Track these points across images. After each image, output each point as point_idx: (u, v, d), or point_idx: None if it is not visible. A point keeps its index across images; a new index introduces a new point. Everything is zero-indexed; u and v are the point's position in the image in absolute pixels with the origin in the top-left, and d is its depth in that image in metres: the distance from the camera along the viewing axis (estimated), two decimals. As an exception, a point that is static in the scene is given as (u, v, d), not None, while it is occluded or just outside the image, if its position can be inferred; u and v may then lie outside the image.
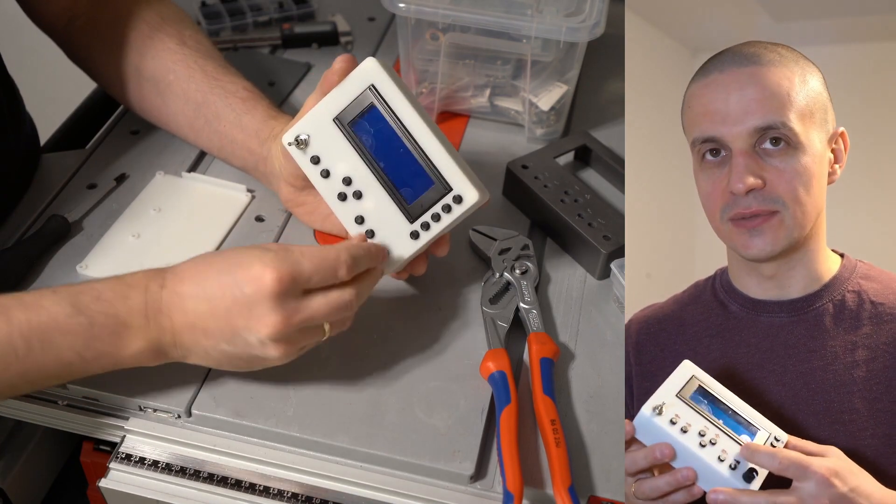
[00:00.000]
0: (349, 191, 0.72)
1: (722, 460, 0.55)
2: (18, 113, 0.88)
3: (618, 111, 1.01)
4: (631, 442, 0.58)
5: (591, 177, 0.94)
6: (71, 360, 0.61)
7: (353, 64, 0.71)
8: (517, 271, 0.79)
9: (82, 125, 1.03)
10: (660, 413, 0.57)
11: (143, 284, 0.63)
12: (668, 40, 0.87)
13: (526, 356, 0.74)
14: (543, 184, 0.86)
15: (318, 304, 0.63)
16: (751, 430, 0.57)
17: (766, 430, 0.57)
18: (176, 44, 0.85)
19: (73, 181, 0.87)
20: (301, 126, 0.72)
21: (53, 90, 1.31)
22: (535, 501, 0.66)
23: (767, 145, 0.60)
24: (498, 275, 0.79)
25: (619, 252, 0.79)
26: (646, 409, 0.57)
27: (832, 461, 0.54)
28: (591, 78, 1.06)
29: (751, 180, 0.60)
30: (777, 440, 0.57)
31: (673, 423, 0.57)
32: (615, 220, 0.83)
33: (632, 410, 0.67)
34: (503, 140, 0.97)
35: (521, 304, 0.76)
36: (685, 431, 0.56)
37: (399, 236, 0.72)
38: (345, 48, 1.11)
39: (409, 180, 0.71)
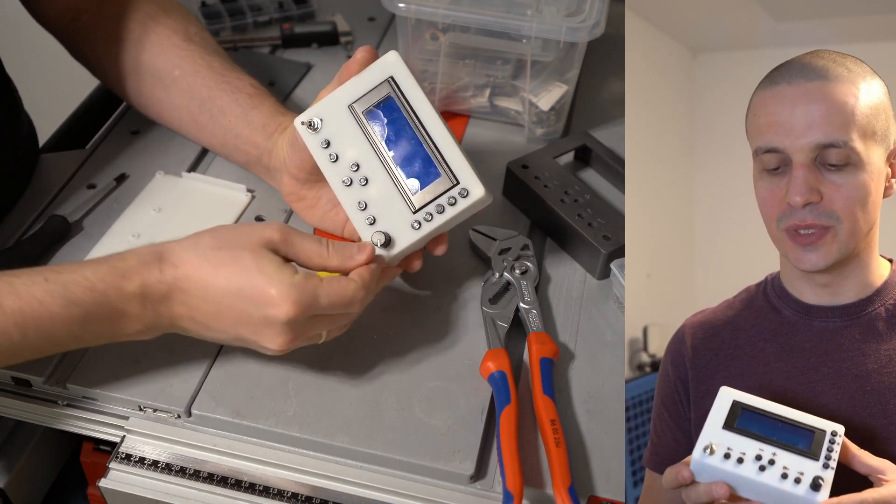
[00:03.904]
0: (356, 177, 0.73)
1: (785, 477, 0.55)
2: (17, 113, 0.88)
3: (618, 111, 1.01)
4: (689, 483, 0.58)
5: (591, 177, 0.94)
6: (67, 341, 0.62)
7: (374, 55, 0.73)
8: (517, 271, 0.79)
9: (82, 125, 1.03)
10: (711, 452, 0.57)
11: (138, 272, 0.62)
12: (668, 40, 0.87)
13: (526, 356, 0.74)
14: (543, 184, 0.86)
15: (326, 324, 0.65)
16: (805, 434, 0.57)
17: (822, 429, 0.57)
18: (181, 40, 0.86)
19: (73, 181, 0.87)
20: (316, 109, 0.73)
21: (53, 90, 1.31)
22: (535, 501, 0.66)
23: (829, 161, 0.61)
24: (498, 275, 0.79)
25: (619, 252, 0.79)
26: (696, 454, 0.57)
27: None
28: (591, 78, 1.06)
29: (808, 194, 0.61)
30: (835, 434, 0.57)
31: (727, 457, 0.57)
32: (615, 220, 0.83)
33: (687, 413, 0.67)
34: (503, 140, 0.97)
35: (521, 304, 0.76)
36: (741, 462, 0.56)
37: (400, 225, 0.72)
38: (345, 48, 1.11)
39: (416, 171, 0.72)
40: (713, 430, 0.58)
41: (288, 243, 0.65)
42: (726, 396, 0.60)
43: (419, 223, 0.72)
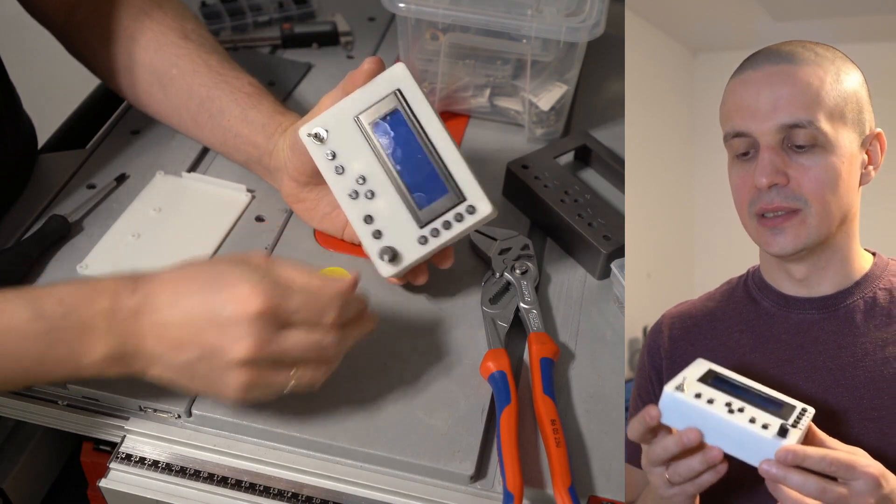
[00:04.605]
0: (362, 189, 0.73)
1: (753, 421, 0.55)
2: (16, 112, 0.88)
3: (618, 111, 1.01)
4: (656, 430, 0.57)
5: (591, 177, 0.94)
6: (29, 365, 0.59)
7: (381, 67, 0.72)
8: (517, 271, 0.79)
9: (82, 125, 1.03)
10: (682, 390, 0.56)
11: (112, 288, 0.60)
12: (668, 40, 0.87)
13: (526, 356, 0.74)
14: (543, 184, 0.86)
15: (296, 339, 0.60)
16: (777, 404, 0.56)
17: (792, 405, 0.57)
18: (178, 37, 0.85)
19: (73, 181, 0.87)
20: (321, 120, 0.73)
21: (53, 90, 1.31)
22: (535, 501, 0.66)
23: (797, 143, 0.61)
24: (498, 275, 0.79)
25: (619, 252, 0.79)
26: (668, 388, 0.56)
27: (874, 462, 0.54)
28: (591, 78, 1.06)
29: (773, 175, 0.60)
30: (804, 411, 0.56)
31: (698, 396, 0.56)
32: (615, 220, 0.83)
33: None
34: (503, 140, 0.97)
35: (521, 304, 0.76)
36: (711, 403, 0.56)
37: (407, 240, 0.72)
38: (345, 48, 1.11)
39: (423, 186, 0.72)
40: (686, 376, 0.58)
41: (270, 264, 0.62)
42: (702, 364, 0.59)
43: (426, 238, 0.72)
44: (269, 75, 1.03)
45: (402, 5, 0.86)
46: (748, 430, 0.54)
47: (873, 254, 0.66)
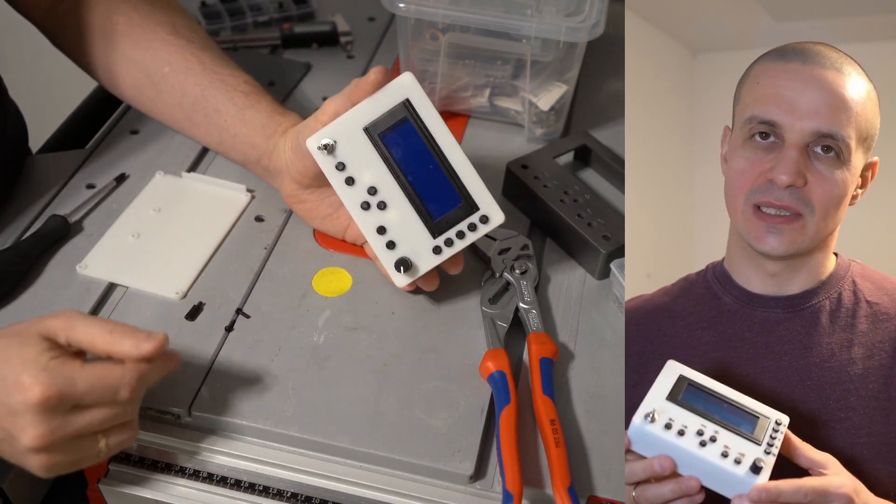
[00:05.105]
0: (373, 201, 0.73)
1: (725, 456, 0.54)
2: (1, 100, 0.86)
3: (618, 111, 1.01)
4: (629, 450, 0.58)
5: (591, 177, 0.94)
6: None
7: (388, 77, 0.72)
8: (517, 271, 0.79)
9: (82, 125, 1.03)
10: (652, 420, 0.56)
11: None
12: (668, 40, 0.87)
13: (525, 356, 0.74)
14: (543, 184, 0.86)
15: (91, 418, 0.58)
16: (749, 419, 0.56)
17: (766, 416, 0.56)
18: (168, 33, 0.84)
19: (72, 181, 0.87)
20: (329, 131, 0.72)
21: (53, 90, 1.31)
22: (535, 501, 0.66)
23: (819, 150, 0.61)
24: (498, 275, 0.79)
25: (618, 252, 0.79)
26: (637, 419, 0.56)
27: (846, 478, 0.55)
28: (591, 78, 1.06)
29: (795, 176, 0.61)
30: (779, 424, 0.56)
31: (668, 427, 0.56)
32: (615, 220, 0.83)
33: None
34: (503, 140, 0.97)
35: (521, 304, 0.76)
36: (682, 434, 0.55)
37: (421, 250, 0.73)
38: (344, 48, 1.11)
39: (435, 196, 0.73)
40: (656, 399, 0.57)
41: (70, 328, 0.59)
42: (673, 370, 0.59)
43: (440, 248, 0.73)
44: (269, 75, 1.03)
45: (401, 5, 0.86)
46: (721, 467, 0.54)
47: (835, 254, 0.67)
